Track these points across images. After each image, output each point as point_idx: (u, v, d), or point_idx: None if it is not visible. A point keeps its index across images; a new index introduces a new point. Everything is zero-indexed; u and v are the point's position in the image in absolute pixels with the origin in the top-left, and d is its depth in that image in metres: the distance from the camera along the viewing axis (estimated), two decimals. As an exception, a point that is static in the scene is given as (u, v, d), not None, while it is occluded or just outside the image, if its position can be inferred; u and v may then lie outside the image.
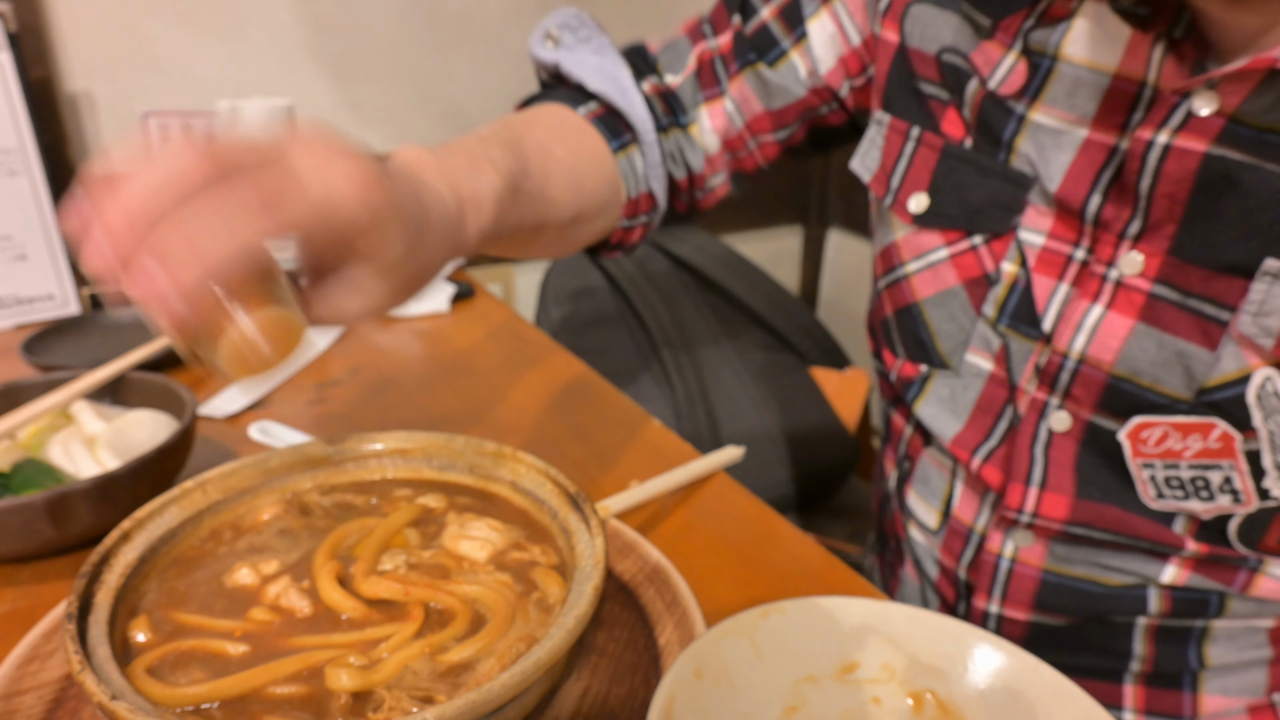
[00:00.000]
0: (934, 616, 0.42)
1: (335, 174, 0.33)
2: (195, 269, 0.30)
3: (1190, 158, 0.47)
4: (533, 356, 0.93)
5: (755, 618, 0.41)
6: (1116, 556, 0.56)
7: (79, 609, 0.37)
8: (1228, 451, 0.50)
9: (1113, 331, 0.52)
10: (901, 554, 0.71)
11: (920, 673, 0.41)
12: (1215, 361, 0.48)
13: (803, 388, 1.47)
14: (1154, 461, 0.52)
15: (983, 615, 0.62)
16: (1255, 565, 0.53)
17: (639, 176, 0.68)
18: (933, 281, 0.61)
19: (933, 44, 0.59)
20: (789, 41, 0.68)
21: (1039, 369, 0.56)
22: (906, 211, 0.62)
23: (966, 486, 0.63)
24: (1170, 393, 0.50)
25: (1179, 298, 0.49)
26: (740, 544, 0.59)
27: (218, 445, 0.71)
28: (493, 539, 0.45)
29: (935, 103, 0.60)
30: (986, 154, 0.57)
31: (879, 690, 0.41)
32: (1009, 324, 0.57)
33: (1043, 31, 0.54)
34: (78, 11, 1.19)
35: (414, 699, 0.35)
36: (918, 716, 0.40)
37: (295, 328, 0.35)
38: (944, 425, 0.62)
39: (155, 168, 0.31)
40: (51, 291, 1.01)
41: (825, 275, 2.00)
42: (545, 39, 0.70)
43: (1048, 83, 0.54)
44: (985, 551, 0.60)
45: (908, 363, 0.65)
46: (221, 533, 0.46)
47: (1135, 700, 0.60)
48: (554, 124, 0.63)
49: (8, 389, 0.65)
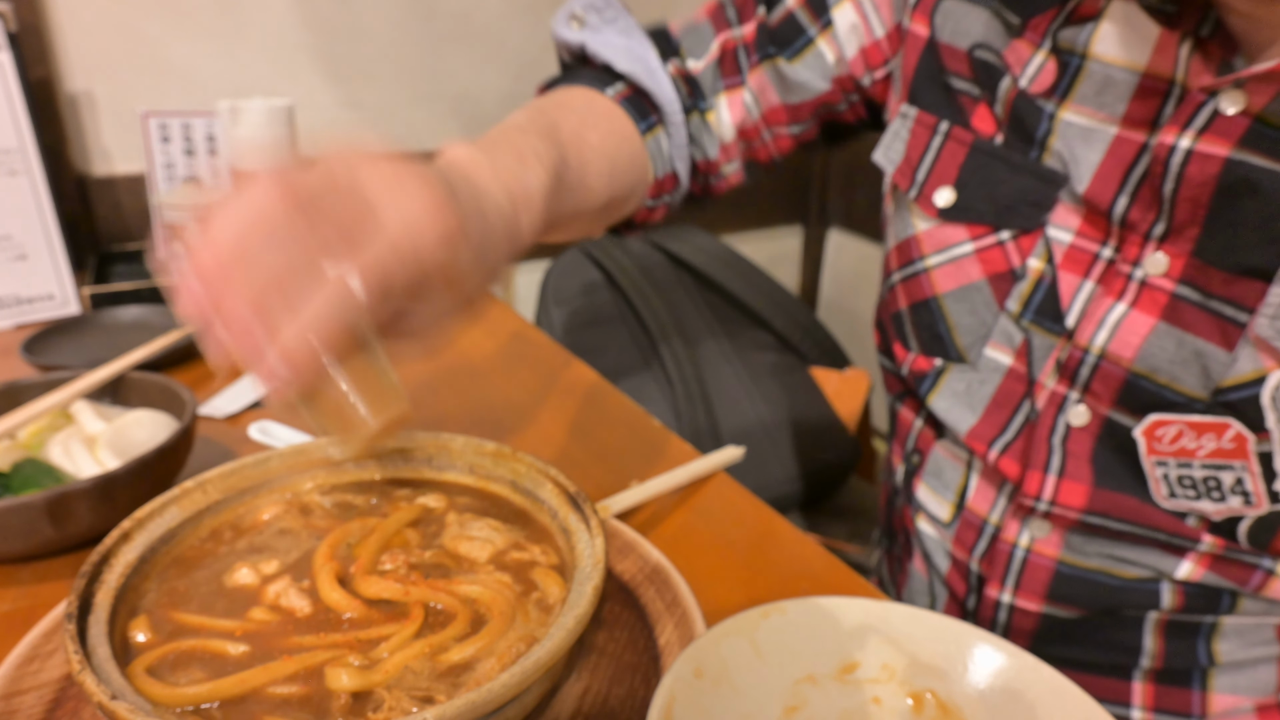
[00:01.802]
0: (934, 617, 0.42)
1: (410, 205, 0.33)
2: (293, 328, 0.30)
3: (1212, 163, 0.47)
4: (533, 356, 0.93)
5: (755, 618, 0.41)
6: (1132, 549, 0.56)
7: (79, 609, 0.37)
8: (1241, 453, 0.50)
9: (1134, 329, 0.52)
10: (910, 548, 0.71)
11: (920, 672, 0.41)
12: (1232, 362, 0.49)
13: (803, 387, 1.47)
14: (1168, 459, 0.52)
15: (995, 605, 0.62)
16: (1270, 568, 0.53)
17: (665, 157, 0.69)
18: (955, 275, 0.61)
19: (964, 39, 0.60)
20: (815, 29, 0.68)
21: (1060, 364, 0.56)
22: (932, 205, 0.62)
23: (982, 478, 0.63)
24: (1187, 391, 0.51)
25: (1200, 298, 0.50)
26: (740, 544, 0.59)
27: (218, 445, 0.71)
28: (493, 539, 0.45)
29: (966, 98, 0.60)
30: (1018, 151, 0.57)
31: (879, 690, 0.41)
32: (1033, 319, 0.58)
33: (1071, 30, 0.54)
34: (78, 11, 1.19)
35: (414, 699, 0.35)
36: (918, 716, 0.40)
37: (392, 389, 0.35)
38: (959, 418, 0.62)
39: (238, 208, 0.31)
40: (51, 291, 1.01)
41: (825, 275, 2.00)
42: (570, 20, 0.69)
43: (1077, 81, 0.54)
44: (1000, 541, 0.61)
45: (921, 356, 0.65)
46: (222, 532, 0.46)
47: (1144, 697, 0.60)
48: (584, 109, 0.63)
49: (8, 389, 0.65)
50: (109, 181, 1.27)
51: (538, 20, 1.52)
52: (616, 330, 1.46)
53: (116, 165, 1.28)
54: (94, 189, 1.26)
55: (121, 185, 1.27)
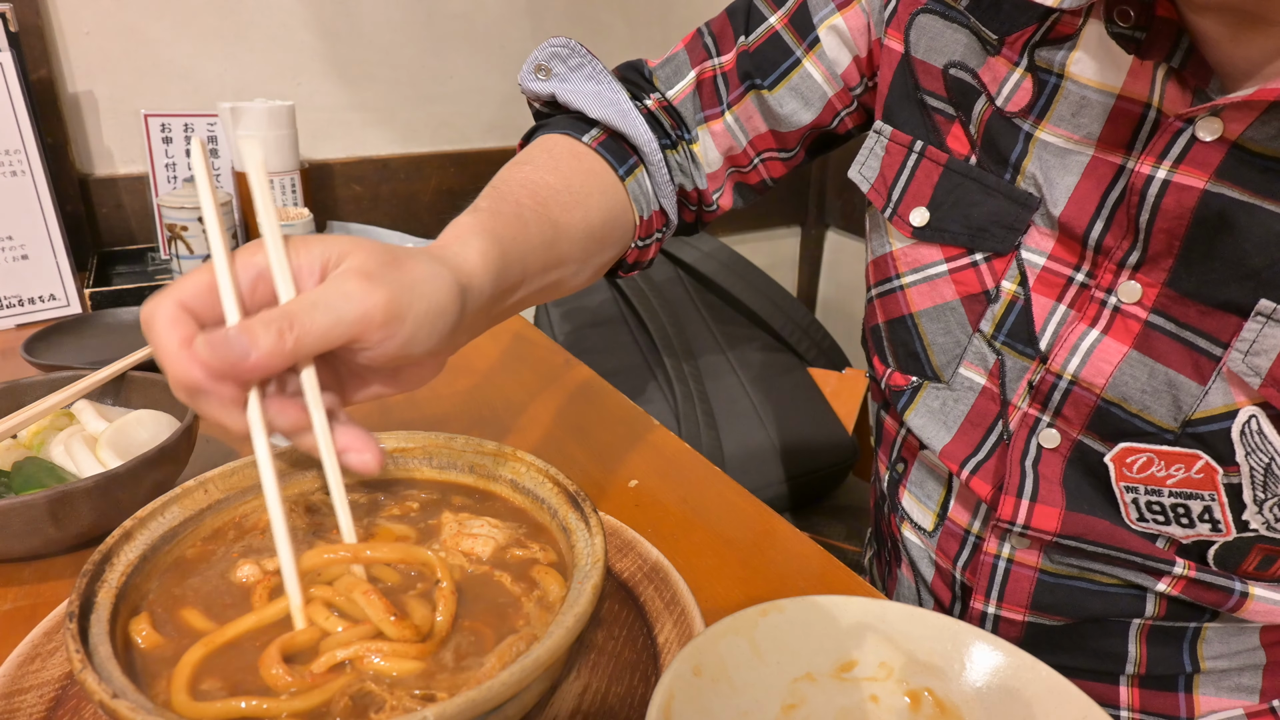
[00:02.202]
0: (932, 615, 0.42)
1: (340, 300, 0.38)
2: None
3: (1189, 194, 0.47)
4: (533, 356, 0.93)
5: (754, 616, 0.41)
6: (1110, 568, 0.56)
7: (80, 608, 0.37)
8: (1209, 483, 0.50)
9: (1106, 357, 0.52)
10: (898, 554, 0.71)
11: (918, 671, 0.41)
12: (1203, 395, 0.49)
13: (801, 388, 1.47)
14: (1137, 485, 0.52)
15: (980, 616, 0.62)
16: (1243, 591, 0.53)
17: (649, 197, 0.68)
18: (930, 295, 0.61)
19: (939, 57, 0.59)
20: (800, 50, 0.66)
21: (1032, 386, 0.56)
22: (907, 224, 0.62)
23: (958, 496, 0.63)
24: (1157, 421, 0.51)
25: (1174, 329, 0.50)
26: (739, 543, 0.59)
27: (219, 444, 0.71)
28: (495, 535, 0.45)
29: (940, 117, 0.60)
30: (992, 172, 0.57)
31: (876, 688, 0.41)
32: (1005, 341, 0.57)
33: (1049, 49, 0.53)
34: (79, 12, 1.20)
35: (415, 698, 0.35)
36: (915, 715, 0.40)
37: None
38: (933, 436, 0.62)
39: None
40: (53, 291, 1.02)
41: (824, 276, 2.00)
42: (536, 71, 0.68)
43: (1054, 101, 0.53)
44: (982, 553, 0.61)
45: (898, 373, 0.65)
46: (225, 532, 0.47)
47: (1131, 700, 0.60)
48: (559, 169, 0.61)
49: (9, 388, 0.65)
50: (110, 182, 1.27)
51: (538, 22, 1.52)
52: (616, 331, 1.46)
53: (118, 166, 1.28)
54: (95, 189, 1.26)
55: (123, 185, 1.28)
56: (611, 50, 1.53)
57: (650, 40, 1.61)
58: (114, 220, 1.28)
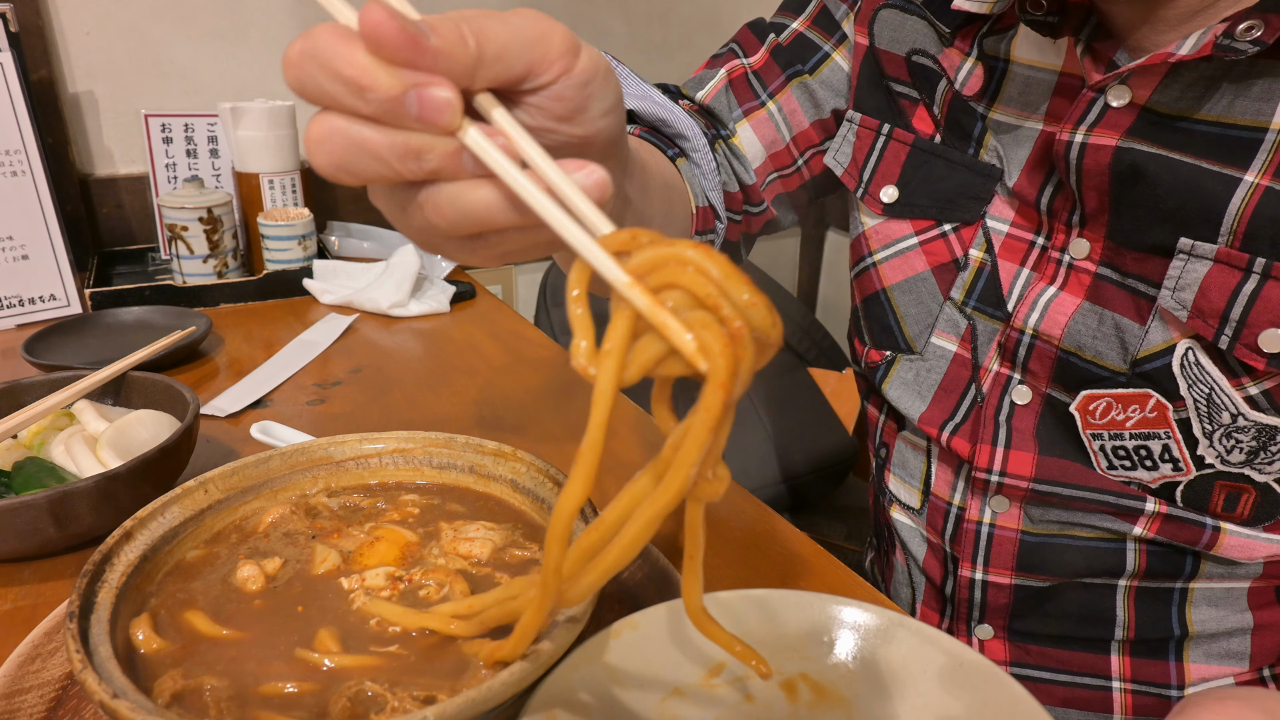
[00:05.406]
0: (789, 594, 0.40)
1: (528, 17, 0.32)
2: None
3: (1104, 153, 0.51)
4: (533, 356, 0.93)
5: (603, 640, 0.37)
6: (1086, 515, 0.58)
7: (81, 608, 0.37)
8: (1163, 420, 0.53)
9: (1062, 309, 0.56)
10: (892, 541, 0.73)
11: (789, 658, 0.39)
12: (1145, 334, 0.52)
13: (801, 388, 1.47)
14: (1102, 432, 0.55)
15: (969, 583, 0.64)
16: (1215, 526, 0.55)
17: (698, 187, 0.67)
18: (901, 269, 0.65)
19: (901, 46, 0.63)
20: (829, 45, 0.70)
21: (1001, 345, 0.59)
22: (878, 202, 0.65)
23: (941, 462, 0.65)
24: (1109, 365, 0.54)
25: (1118, 277, 0.54)
26: (739, 543, 0.59)
27: (219, 444, 0.71)
28: (491, 537, 0.45)
29: (905, 101, 0.64)
30: (956, 148, 0.61)
31: (749, 687, 0.39)
32: (976, 306, 0.61)
33: (994, 38, 0.59)
34: (80, 12, 1.20)
35: (415, 699, 0.35)
36: (794, 705, 0.38)
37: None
38: (910, 405, 0.65)
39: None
40: (53, 291, 1.02)
41: (824, 276, 2.00)
42: None
43: (1003, 84, 0.59)
44: (966, 521, 0.63)
45: (873, 349, 0.68)
46: (227, 534, 0.47)
47: (1122, 669, 0.62)
48: None
49: (10, 388, 0.65)
50: (111, 182, 1.27)
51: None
52: (616, 331, 1.46)
53: (118, 166, 1.28)
54: (96, 189, 1.26)
55: (123, 186, 1.28)
56: (611, 51, 1.53)
57: (650, 40, 1.61)
58: (114, 220, 1.28)
